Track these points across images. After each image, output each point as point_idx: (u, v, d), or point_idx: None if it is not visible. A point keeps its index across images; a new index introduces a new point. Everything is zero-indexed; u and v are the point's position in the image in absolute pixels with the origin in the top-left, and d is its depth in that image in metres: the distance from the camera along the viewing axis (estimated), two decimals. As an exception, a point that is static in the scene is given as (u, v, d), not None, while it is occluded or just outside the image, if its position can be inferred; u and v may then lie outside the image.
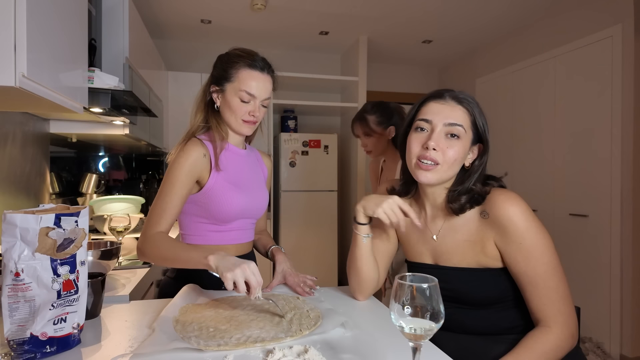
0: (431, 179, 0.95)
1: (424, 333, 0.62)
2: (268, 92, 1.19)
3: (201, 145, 1.15)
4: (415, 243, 1.09)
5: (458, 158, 0.95)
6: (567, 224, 3.05)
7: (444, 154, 0.94)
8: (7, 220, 0.73)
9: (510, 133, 3.62)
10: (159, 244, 1.04)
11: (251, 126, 1.20)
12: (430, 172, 0.95)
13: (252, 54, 1.19)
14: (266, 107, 1.21)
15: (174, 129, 3.42)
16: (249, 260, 0.91)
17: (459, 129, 0.94)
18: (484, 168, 0.99)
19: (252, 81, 1.15)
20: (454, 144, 0.94)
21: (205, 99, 1.22)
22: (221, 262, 0.91)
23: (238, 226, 1.23)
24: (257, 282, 0.90)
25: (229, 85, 1.16)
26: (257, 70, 1.16)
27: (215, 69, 1.21)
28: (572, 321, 0.91)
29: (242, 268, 0.89)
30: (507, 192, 0.95)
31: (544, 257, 0.90)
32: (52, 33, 1.13)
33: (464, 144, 0.95)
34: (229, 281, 0.88)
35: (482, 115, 0.98)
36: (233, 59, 1.18)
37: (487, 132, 0.98)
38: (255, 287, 0.90)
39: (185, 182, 1.11)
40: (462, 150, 0.95)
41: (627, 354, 2.67)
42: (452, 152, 0.94)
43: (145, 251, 1.05)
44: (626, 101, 2.67)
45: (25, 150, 1.86)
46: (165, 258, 1.03)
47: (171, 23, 3.59)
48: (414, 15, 3.36)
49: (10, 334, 0.73)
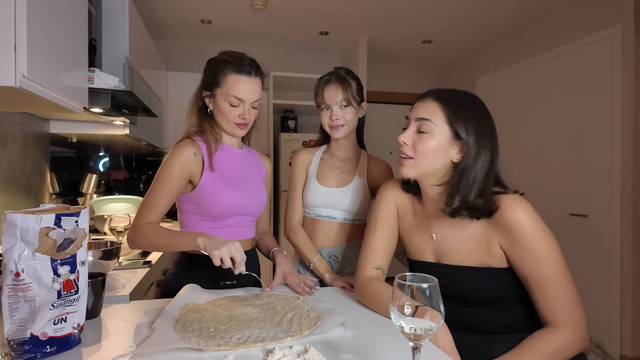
0: (407, 172, 1.00)
1: (424, 333, 0.62)
2: (257, 95, 1.21)
3: (193, 145, 1.19)
4: (418, 242, 1.09)
5: (427, 152, 0.96)
6: (567, 224, 3.05)
7: (414, 148, 0.98)
8: (7, 220, 0.73)
9: (510, 133, 3.62)
10: (149, 233, 1.11)
11: (243, 129, 1.23)
12: (404, 165, 1.00)
13: (239, 59, 1.20)
14: (256, 109, 1.24)
15: (174, 129, 3.42)
16: (233, 240, 1.03)
17: (427, 124, 0.96)
18: (486, 175, 0.94)
19: (240, 85, 1.17)
20: (423, 137, 0.97)
21: (198, 104, 1.26)
22: (209, 242, 1.02)
23: (235, 223, 1.25)
24: (241, 258, 1.02)
25: (219, 90, 1.19)
26: (244, 74, 1.18)
27: (205, 74, 1.24)
28: (582, 324, 0.90)
29: (227, 246, 1.00)
30: (513, 195, 0.94)
31: (552, 260, 0.90)
32: (52, 33, 1.13)
33: (437, 139, 0.95)
34: (217, 258, 0.99)
35: (463, 112, 0.95)
36: (220, 65, 1.20)
37: (467, 130, 0.94)
38: (239, 262, 1.02)
39: (175, 180, 1.15)
40: (433, 145, 0.95)
41: (627, 354, 2.67)
42: (420, 146, 0.97)
43: (136, 241, 1.13)
44: (626, 101, 2.67)
45: (25, 150, 1.86)
46: (156, 244, 1.11)
47: (171, 23, 3.59)
48: (414, 15, 3.36)
49: (11, 334, 0.73)
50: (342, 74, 1.39)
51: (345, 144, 1.45)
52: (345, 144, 1.45)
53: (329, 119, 1.37)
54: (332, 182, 1.43)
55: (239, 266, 1.02)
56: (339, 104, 1.36)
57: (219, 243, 1.01)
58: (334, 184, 1.43)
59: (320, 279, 1.40)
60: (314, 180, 1.44)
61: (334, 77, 1.38)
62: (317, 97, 1.41)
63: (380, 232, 1.13)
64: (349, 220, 1.43)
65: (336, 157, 1.47)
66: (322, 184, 1.43)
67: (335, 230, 1.43)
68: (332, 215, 1.43)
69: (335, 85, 1.36)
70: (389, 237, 1.13)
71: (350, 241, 1.45)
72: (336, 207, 1.42)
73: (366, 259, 1.12)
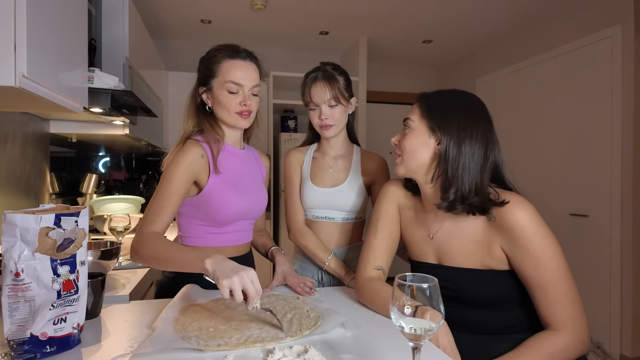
0: (398, 170, 1.06)
1: (424, 333, 0.62)
2: (255, 80, 1.17)
3: (199, 146, 1.14)
4: (419, 242, 1.09)
5: (409, 146, 1.01)
6: (567, 224, 3.05)
7: (401, 145, 1.04)
8: (7, 220, 0.73)
9: (510, 133, 3.62)
10: (153, 244, 0.99)
11: (247, 118, 1.18)
12: (396, 164, 1.06)
13: (231, 46, 1.18)
14: (257, 96, 1.19)
15: (174, 129, 3.42)
16: (248, 267, 0.85)
17: (408, 122, 1.03)
18: (480, 169, 0.94)
19: (236, 71, 1.14)
20: (405, 133, 1.03)
21: (196, 103, 1.22)
22: (218, 267, 0.84)
23: (237, 228, 1.23)
24: (256, 292, 0.83)
25: (215, 81, 1.16)
26: (239, 59, 1.16)
27: (199, 70, 1.21)
28: (583, 327, 0.90)
29: (240, 275, 0.82)
30: (514, 196, 0.94)
31: (553, 262, 0.90)
32: (52, 33, 1.13)
33: (416, 133, 1.01)
34: (225, 289, 0.81)
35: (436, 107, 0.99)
36: (213, 54, 1.18)
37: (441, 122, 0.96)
38: (253, 297, 0.83)
39: (183, 181, 1.09)
40: (413, 139, 1.01)
41: (627, 354, 2.67)
42: (404, 141, 1.03)
43: (139, 250, 1.00)
44: (626, 101, 2.67)
45: (25, 150, 1.86)
46: (159, 259, 0.97)
47: (171, 23, 3.59)
48: (414, 15, 3.36)
49: (10, 334, 0.73)
50: (329, 71, 1.34)
51: (336, 142, 1.42)
52: (336, 142, 1.42)
53: (318, 118, 1.34)
54: (326, 182, 1.40)
55: (253, 301, 0.83)
56: (327, 102, 1.32)
57: (230, 270, 0.83)
58: (329, 184, 1.40)
59: (326, 278, 1.39)
60: (308, 181, 1.41)
61: (320, 75, 1.34)
62: (305, 96, 1.37)
63: (382, 232, 1.13)
64: (348, 220, 1.40)
65: (328, 155, 1.43)
66: (316, 184, 1.39)
67: (335, 231, 1.40)
68: (329, 215, 1.40)
69: (322, 84, 1.32)
70: (391, 237, 1.13)
71: (352, 242, 1.43)
72: (333, 207, 1.38)
73: (367, 259, 1.12)
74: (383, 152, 4.32)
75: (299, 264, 1.46)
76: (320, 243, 1.38)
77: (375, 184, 1.41)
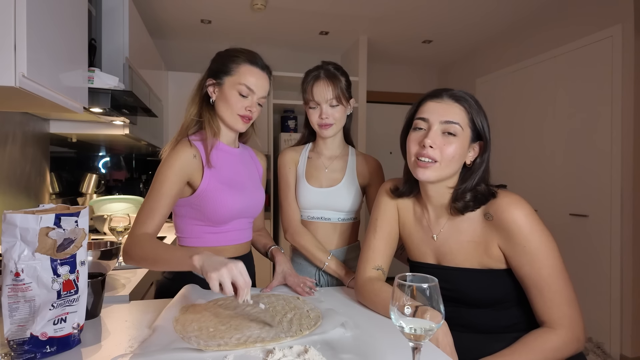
0: (430, 177, 0.96)
1: (424, 333, 0.62)
2: (265, 91, 1.20)
3: (191, 146, 1.14)
4: (418, 243, 1.09)
5: (456, 155, 0.95)
6: (567, 224, 3.05)
7: (441, 151, 0.95)
8: (7, 220, 0.73)
9: (510, 133, 3.62)
10: (142, 245, 1.00)
11: (246, 122, 1.19)
12: (429, 169, 0.96)
13: (252, 52, 1.21)
14: (261, 106, 1.22)
15: (174, 129, 3.39)
16: (236, 260, 0.86)
17: (455, 127, 0.95)
18: (486, 166, 0.99)
19: (252, 77, 1.16)
20: (451, 141, 0.95)
21: (201, 93, 1.22)
22: (206, 262, 0.85)
23: (235, 227, 1.22)
24: (245, 283, 0.83)
25: (228, 78, 1.16)
26: (258, 67, 1.18)
27: (214, 63, 1.21)
28: (578, 325, 0.90)
29: (228, 268, 0.82)
30: (511, 195, 0.95)
31: (549, 261, 0.90)
32: (52, 33, 1.13)
33: (462, 142, 0.96)
34: (214, 281, 0.81)
35: (480, 113, 0.98)
36: (234, 54, 1.19)
37: (486, 129, 0.98)
38: (243, 289, 0.83)
39: (175, 182, 1.09)
40: (459, 148, 0.96)
41: (627, 354, 2.67)
42: (449, 149, 0.95)
43: (130, 252, 1.02)
44: (626, 101, 2.67)
45: (25, 150, 1.86)
46: (148, 259, 0.99)
47: (171, 23, 3.59)
48: (414, 15, 3.36)
49: (10, 334, 0.73)
50: (331, 70, 1.33)
51: (332, 142, 1.41)
52: (332, 142, 1.41)
53: (319, 117, 1.32)
54: (322, 182, 1.39)
55: (243, 293, 0.84)
56: (329, 102, 1.30)
57: (218, 263, 0.84)
58: (324, 184, 1.39)
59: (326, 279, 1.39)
60: (304, 181, 1.39)
61: (323, 73, 1.32)
62: (306, 94, 1.35)
63: (381, 232, 1.13)
64: (344, 220, 1.40)
65: (324, 155, 1.42)
66: (311, 184, 1.39)
67: (331, 231, 1.40)
68: (325, 216, 1.39)
69: (325, 82, 1.30)
70: (390, 238, 1.13)
71: (349, 242, 1.43)
72: (329, 208, 1.38)
73: (366, 260, 1.12)
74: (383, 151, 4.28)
75: (296, 266, 1.45)
76: (318, 243, 1.37)
77: (370, 186, 1.41)
